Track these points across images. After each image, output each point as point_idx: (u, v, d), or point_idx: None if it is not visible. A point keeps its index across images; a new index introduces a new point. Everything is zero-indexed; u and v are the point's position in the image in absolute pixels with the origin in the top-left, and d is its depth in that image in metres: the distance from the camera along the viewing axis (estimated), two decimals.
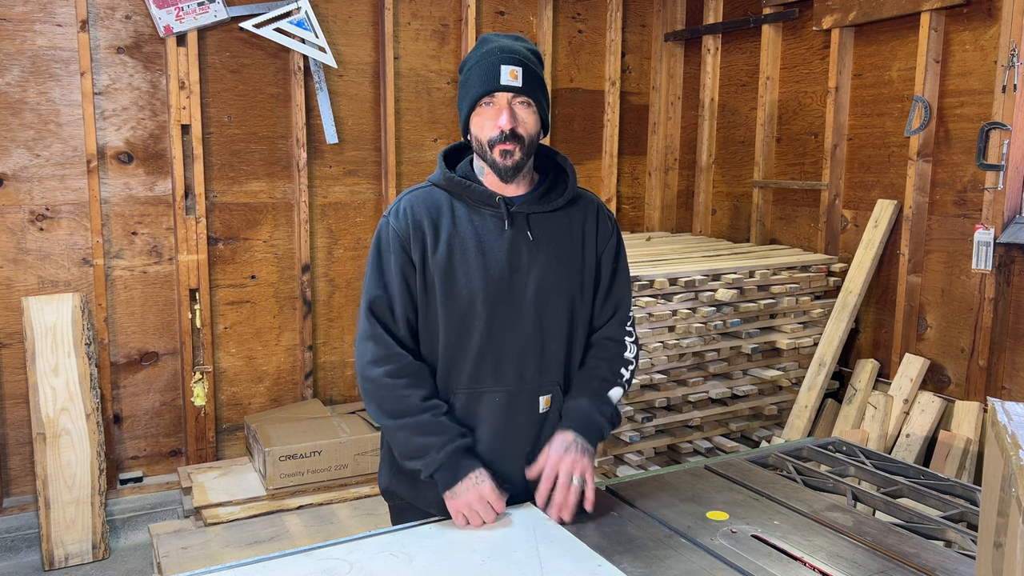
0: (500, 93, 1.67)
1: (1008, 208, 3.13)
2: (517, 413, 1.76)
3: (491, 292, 1.71)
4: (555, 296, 1.76)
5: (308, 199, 3.96)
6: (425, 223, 1.72)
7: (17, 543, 3.51)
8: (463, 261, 1.71)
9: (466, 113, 1.72)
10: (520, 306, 1.73)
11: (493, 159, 1.70)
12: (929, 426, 3.26)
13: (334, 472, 3.47)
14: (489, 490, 1.67)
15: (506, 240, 1.72)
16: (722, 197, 4.52)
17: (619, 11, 4.57)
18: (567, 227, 1.79)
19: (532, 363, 1.75)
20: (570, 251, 1.79)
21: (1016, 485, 0.98)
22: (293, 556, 1.56)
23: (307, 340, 4.03)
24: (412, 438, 1.69)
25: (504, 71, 1.66)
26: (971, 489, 1.91)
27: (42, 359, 3.40)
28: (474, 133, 1.72)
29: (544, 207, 1.76)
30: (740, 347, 3.48)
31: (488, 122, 1.69)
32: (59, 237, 3.55)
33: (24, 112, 3.44)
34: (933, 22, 3.31)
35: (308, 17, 3.80)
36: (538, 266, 1.74)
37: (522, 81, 1.67)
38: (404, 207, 1.75)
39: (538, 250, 1.74)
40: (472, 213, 1.74)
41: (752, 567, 1.50)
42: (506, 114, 1.67)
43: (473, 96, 1.68)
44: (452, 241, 1.71)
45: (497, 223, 1.73)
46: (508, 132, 1.67)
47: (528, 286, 1.73)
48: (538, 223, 1.76)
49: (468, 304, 1.71)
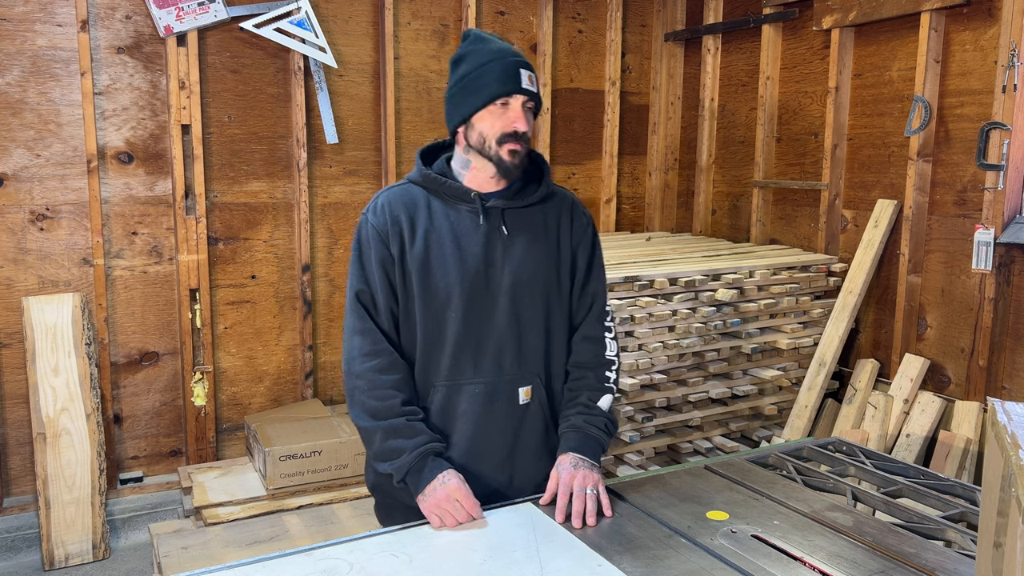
0: (519, 95, 1.73)
1: (1008, 208, 3.13)
2: (497, 405, 1.80)
3: (467, 285, 1.75)
4: (530, 289, 1.80)
5: (308, 199, 3.96)
6: (403, 218, 1.77)
7: (17, 543, 3.51)
8: (439, 255, 1.75)
9: (472, 109, 1.74)
10: (496, 299, 1.78)
11: (499, 156, 1.74)
12: (929, 426, 3.26)
13: (334, 472, 3.47)
14: (456, 487, 1.69)
15: (481, 235, 1.77)
16: (722, 197, 4.52)
17: (619, 11, 4.57)
18: (542, 222, 1.84)
19: (510, 355, 1.80)
20: (545, 246, 1.83)
21: (1016, 485, 0.98)
22: (293, 556, 1.56)
23: (307, 340, 4.03)
24: (387, 440, 1.72)
25: (523, 75, 1.73)
26: (971, 489, 1.91)
27: (42, 359, 3.40)
28: (479, 129, 1.74)
29: (519, 203, 1.81)
30: (740, 347, 3.48)
31: (499, 121, 1.73)
32: (59, 237, 3.55)
33: (24, 112, 3.44)
34: (933, 22, 3.31)
35: (308, 17, 3.80)
36: (513, 260, 1.78)
37: (535, 86, 1.76)
38: (382, 203, 1.80)
39: (513, 245, 1.79)
40: (448, 209, 1.79)
41: (752, 567, 1.50)
42: (524, 117, 1.73)
43: (489, 95, 1.72)
44: (429, 236, 1.76)
45: (473, 218, 1.78)
46: (523, 133, 1.73)
47: (503, 279, 1.78)
48: (513, 218, 1.81)
49: (445, 298, 1.76)
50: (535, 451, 1.86)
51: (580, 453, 1.79)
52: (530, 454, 1.85)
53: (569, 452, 1.79)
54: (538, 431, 1.86)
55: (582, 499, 1.71)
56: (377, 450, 1.75)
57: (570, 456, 1.78)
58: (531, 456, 1.85)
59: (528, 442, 1.85)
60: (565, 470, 1.76)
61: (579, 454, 1.78)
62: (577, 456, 1.78)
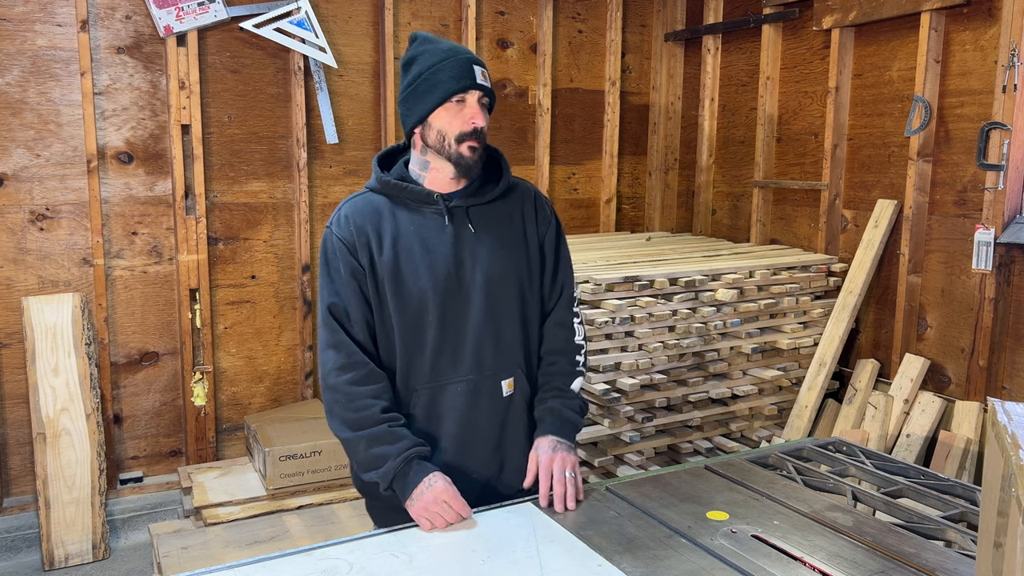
0: (474, 91, 1.75)
1: (1008, 208, 3.13)
2: (481, 400, 1.82)
3: (440, 288, 1.76)
4: (503, 283, 1.82)
5: (308, 199, 3.96)
6: (368, 229, 1.77)
7: (17, 543, 3.51)
8: (409, 261, 1.76)
9: (428, 108, 1.75)
10: (470, 297, 1.79)
11: (458, 154, 1.76)
12: (929, 426, 3.26)
13: (334, 472, 3.47)
14: (442, 489, 1.69)
15: (449, 236, 1.78)
16: (722, 197, 4.52)
17: (619, 11, 4.57)
18: (507, 216, 1.86)
19: (489, 350, 1.81)
20: (512, 238, 1.85)
21: (1016, 485, 0.98)
22: (293, 556, 1.56)
23: (307, 340, 4.03)
24: (370, 449, 1.72)
25: (477, 71, 1.75)
26: (971, 489, 1.91)
27: (42, 359, 3.40)
28: (438, 128, 1.75)
29: (482, 199, 1.83)
30: (740, 347, 3.48)
31: (456, 119, 1.74)
32: (59, 237, 3.55)
33: (24, 112, 3.44)
34: (933, 22, 3.31)
35: (308, 17, 3.80)
36: (483, 257, 1.80)
37: (488, 82, 1.78)
38: (345, 215, 1.80)
39: (481, 242, 1.80)
40: (412, 214, 1.80)
41: (752, 567, 1.50)
42: (480, 112, 1.75)
43: (445, 92, 1.72)
44: (397, 243, 1.76)
45: (438, 220, 1.79)
46: (480, 129, 1.75)
47: (476, 277, 1.79)
48: (478, 215, 1.82)
49: (419, 302, 1.76)
50: (522, 441, 1.89)
51: (558, 436, 1.84)
52: (517, 444, 1.89)
53: (547, 435, 1.83)
54: (523, 420, 1.89)
55: (563, 483, 1.77)
56: (361, 459, 1.75)
57: (548, 439, 1.83)
58: (518, 446, 1.89)
59: (514, 432, 1.88)
60: (544, 453, 1.81)
61: (557, 436, 1.83)
62: (555, 439, 1.83)
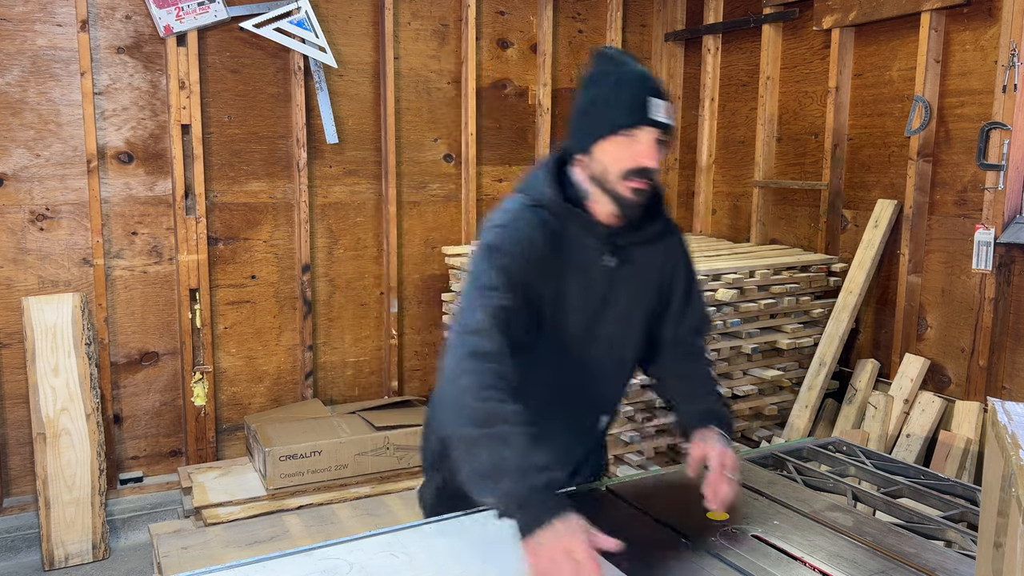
0: (648, 128, 1.56)
1: (1008, 208, 3.12)
2: (578, 432, 1.84)
3: (585, 324, 1.68)
4: (634, 330, 1.78)
5: (308, 199, 3.96)
6: (543, 246, 1.61)
7: (17, 543, 3.51)
8: (570, 292, 1.66)
9: (593, 139, 1.60)
10: (605, 338, 1.72)
11: (619, 193, 1.60)
12: (929, 426, 3.26)
13: (334, 472, 3.47)
14: (579, 544, 1.33)
15: (606, 273, 1.68)
16: (722, 197, 4.52)
17: (619, 11, 4.56)
18: (660, 261, 1.76)
19: (605, 391, 1.83)
20: (658, 285, 1.78)
21: (1016, 485, 0.98)
22: (293, 556, 1.56)
23: (307, 340, 4.03)
24: (499, 450, 1.38)
25: (655, 104, 1.56)
26: (971, 489, 1.91)
27: (42, 359, 3.40)
28: (601, 160, 1.60)
29: (641, 238, 1.70)
30: (740, 347, 3.48)
31: (625, 154, 1.57)
32: (59, 237, 3.55)
33: (24, 112, 3.44)
34: (933, 22, 3.31)
35: (308, 17, 3.80)
36: (628, 301, 1.73)
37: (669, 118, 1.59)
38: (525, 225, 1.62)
39: (632, 284, 1.72)
40: (577, 241, 1.65)
41: (752, 567, 1.50)
42: (652, 151, 1.57)
43: (613, 125, 1.57)
44: (565, 272, 1.64)
45: (597, 254, 1.67)
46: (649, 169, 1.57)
47: (615, 319, 1.72)
48: (635, 254, 1.71)
49: (561, 333, 1.67)
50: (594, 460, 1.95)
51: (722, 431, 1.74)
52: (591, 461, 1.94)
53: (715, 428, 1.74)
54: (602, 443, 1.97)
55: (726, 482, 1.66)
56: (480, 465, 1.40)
57: (716, 431, 1.73)
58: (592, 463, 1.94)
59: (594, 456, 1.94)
60: (717, 443, 1.71)
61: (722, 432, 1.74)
62: (723, 433, 1.74)
